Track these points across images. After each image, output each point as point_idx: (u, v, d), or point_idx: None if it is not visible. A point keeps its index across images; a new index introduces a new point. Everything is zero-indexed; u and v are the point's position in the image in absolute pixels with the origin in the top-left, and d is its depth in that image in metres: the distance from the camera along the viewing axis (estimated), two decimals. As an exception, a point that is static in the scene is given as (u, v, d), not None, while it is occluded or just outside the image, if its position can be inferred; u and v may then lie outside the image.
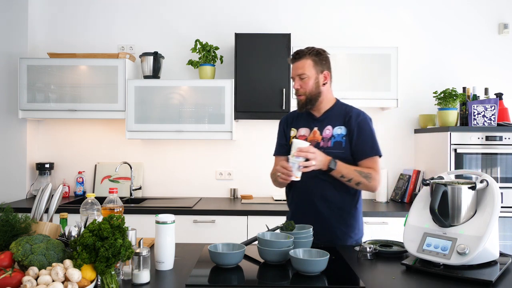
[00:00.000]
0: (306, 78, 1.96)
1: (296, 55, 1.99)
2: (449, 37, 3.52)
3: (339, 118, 2.00)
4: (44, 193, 1.64)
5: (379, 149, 1.98)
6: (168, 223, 1.50)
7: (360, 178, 1.87)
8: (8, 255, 1.30)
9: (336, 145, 1.96)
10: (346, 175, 1.87)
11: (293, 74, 2.01)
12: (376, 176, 1.91)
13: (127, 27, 3.55)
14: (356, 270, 1.52)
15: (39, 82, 3.21)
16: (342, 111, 2.02)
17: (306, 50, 1.99)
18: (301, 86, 1.98)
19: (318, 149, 1.90)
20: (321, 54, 2.01)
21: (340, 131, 1.98)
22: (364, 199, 3.41)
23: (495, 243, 1.50)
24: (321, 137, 1.99)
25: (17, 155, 3.37)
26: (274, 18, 3.53)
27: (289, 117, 2.16)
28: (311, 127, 2.04)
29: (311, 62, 1.97)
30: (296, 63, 1.99)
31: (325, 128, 2.00)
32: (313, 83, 1.97)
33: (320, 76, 1.99)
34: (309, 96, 1.98)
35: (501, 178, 2.90)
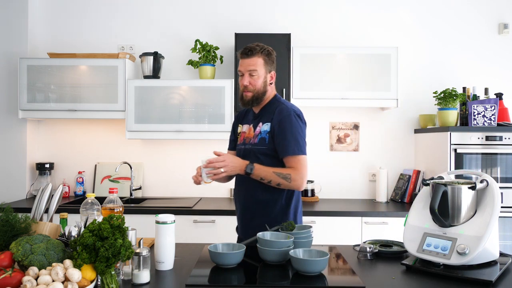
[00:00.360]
0: (256, 75, 1.97)
1: (248, 51, 1.97)
2: (449, 37, 3.52)
3: (269, 115, 2.02)
4: (44, 193, 1.64)
5: (301, 148, 1.93)
6: (168, 223, 1.50)
7: (279, 179, 1.88)
8: (8, 255, 1.30)
9: (260, 141, 1.99)
10: (265, 177, 1.88)
11: (242, 70, 1.99)
12: (297, 176, 1.89)
13: (127, 27, 3.55)
14: (356, 270, 1.52)
15: (39, 82, 3.20)
16: (273, 107, 2.02)
17: (259, 48, 1.98)
18: (250, 83, 1.98)
19: (248, 145, 2.01)
20: (271, 54, 2.02)
21: (266, 128, 1.99)
22: (364, 199, 3.44)
23: (495, 243, 1.50)
24: (253, 133, 2.03)
25: (17, 155, 3.37)
26: (274, 18, 3.53)
27: (240, 113, 2.21)
28: (250, 124, 2.09)
29: (262, 60, 1.98)
30: (248, 59, 1.97)
31: (257, 125, 2.03)
32: (262, 82, 1.99)
33: (268, 76, 2.01)
34: (256, 94, 1.99)
35: (501, 178, 2.90)
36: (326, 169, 3.51)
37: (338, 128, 3.53)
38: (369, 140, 3.52)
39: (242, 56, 1.99)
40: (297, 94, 3.19)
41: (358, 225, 2.91)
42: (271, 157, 1.96)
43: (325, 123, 3.53)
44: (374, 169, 3.50)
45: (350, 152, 3.53)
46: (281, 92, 3.16)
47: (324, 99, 3.20)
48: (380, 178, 3.32)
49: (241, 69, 2.00)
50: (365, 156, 3.52)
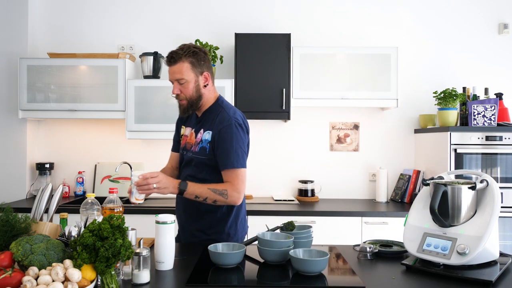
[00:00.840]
0: (185, 82, 1.85)
1: (171, 59, 1.85)
2: (449, 37, 3.52)
3: (211, 122, 1.91)
4: (44, 193, 1.64)
5: (240, 161, 1.84)
6: (168, 223, 1.50)
7: (215, 196, 1.79)
8: (8, 255, 1.30)
9: (201, 151, 1.89)
10: (200, 195, 1.78)
11: (170, 78, 1.88)
12: (233, 192, 1.81)
13: (127, 27, 3.55)
14: (356, 270, 1.52)
15: (39, 82, 3.20)
16: (215, 114, 1.91)
17: (182, 52, 1.84)
18: (181, 91, 1.87)
19: (190, 152, 1.92)
20: (198, 53, 1.87)
21: (207, 136, 1.89)
22: (364, 199, 3.44)
23: (495, 243, 1.50)
24: (195, 140, 1.94)
25: (17, 155, 3.37)
26: (274, 18, 3.53)
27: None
28: (192, 128, 2.00)
29: (188, 65, 1.84)
30: (172, 67, 1.85)
31: (199, 132, 1.94)
32: (193, 87, 1.87)
33: (200, 78, 1.89)
34: (191, 100, 1.89)
35: (501, 178, 2.90)
36: (326, 169, 3.51)
37: (338, 128, 3.53)
38: (369, 140, 3.52)
39: (167, 64, 1.87)
40: (297, 94, 3.19)
41: (358, 225, 2.91)
42: (213, 168, 1.88)
43: (325, 123, 3.53)
44: (374, 169, 3.50)
45: (350, 152, 3.53)
46: (281, 92, 3.16)
47: (324, 99, 3.20)
48: (380, 178, 3.32)
49: (169, 78, 1.88)
50: (365, 156, 3.52)
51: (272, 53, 3.18)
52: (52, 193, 1.66)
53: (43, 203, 1.62)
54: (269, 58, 3.18)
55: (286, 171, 3.52)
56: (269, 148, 3.53)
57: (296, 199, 3.28)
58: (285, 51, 3.18)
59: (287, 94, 3.17)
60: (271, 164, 3.53)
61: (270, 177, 3.52)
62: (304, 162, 3.52)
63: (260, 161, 3.52)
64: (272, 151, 3.54)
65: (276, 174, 3.52)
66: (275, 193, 3.51)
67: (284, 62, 3.18)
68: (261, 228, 2.15)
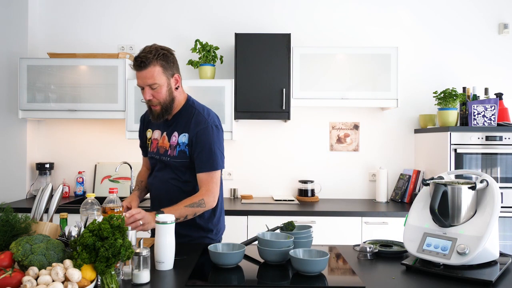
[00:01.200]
0: (157, 87, 1.79)
1: (141, 63, 1.75)
2: (449, 37, 3.52)
3: (184, 124, 1.88)
4: (44, 193, 1.64)
5: (218, 162, 1.84)
6: (168, 223, 1.50)
7: (194, 209, 1.77)
8: (8, 255, 1.30)
9: (180, 155, 1.86)
10: (180, 215, 1.73)
11: (140, 84, 1.79)
12: (209, 198, 1.81)
13: (127, 27, 3.55)
14: (356, 270, 1.52)
15: (39, 82, 3.20)
16: (188, 115, 1.89)
17: (152, 56, 1.75)
18: (153, 96, 1.80)
19: (166, 157, 1.89)
20: (168, 55, 1.81)
21: (184, 139, 1.86)
22: (364, 199, 3.44)
23: (495, 243, 1.50)
24: (169, 144, 1.90)
25: (17, 155, 3.37)
26: (274, 18, 3.53)
27: (146, 117, 2.02)
28: (162, 131, 1.94)
29: (160, 68, 1.77)
30: (143, 71, 1.76)
31: (172, 135, 1.90)
32: (166, 91, 1.81)
33: (172, 81, 1.84)
34: (164, 105, 1.83)
35: (501, 178, 2.90)
36: (326, 169, 3.52)
37: (338, 128, 3.53)
38: (369, 140, 3.53)
39: (136, 69, 1.78)
40: (297, 94, 3.19)
41: (358, 225, 2.91)
42: (192, 171, 1.87)
43: (325, 123, 3.53)
44: (374, 169, 3.50)
45: (350, 152, 3.53)
46: (281, 92, 3.16)
47: (324, 99, 3.20)
48: (380, 178, 3.32)
49: (139, 83, 1.80)
50: (365, 156, 3.52)
51: (272, 53, 3.18)
52: (52, 193, 1.66)
53: (43, 203, 1.62)
54: (269, 58, 3.18)
55: (286, 171, 3.53)
56: (269, 148, 3.53)
57: (296, 199, 3.28)
58: (285, 51, 3.18)
59: (287, 94, 3.17)
60: (271, 164, 3.53)
61: (270, 177, 3.52)
62: (304, 162, 3.52)
63: (260, 161, 3.52)
64: (272, 151, 3.54)
65: (276, 174, 3.52)
66: (275, 193, 3.51)
67: (284, 62, 3.18)
68: (261, 228, 2.15)
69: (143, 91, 1.82)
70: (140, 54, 1.78)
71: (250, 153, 3.53)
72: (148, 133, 2.02)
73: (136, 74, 1.80)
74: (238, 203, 3.18)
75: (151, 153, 1.99)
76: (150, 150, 1.99)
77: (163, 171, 1.94)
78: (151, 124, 1.99)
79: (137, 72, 1.79)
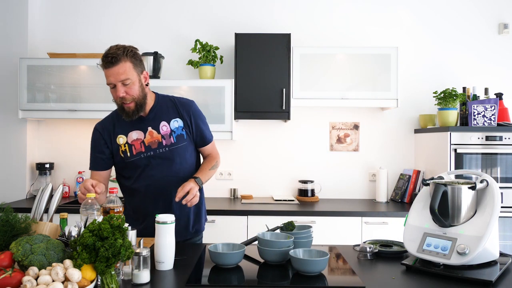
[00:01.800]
0: (130, 83, 1.79)
1: (112, 59, 1.74)
2: (449, 37, 3.52)
3: (170, 111, 1.95)
4: (44, 193, 1.64)
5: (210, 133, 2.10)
6: (168, 223, 1.50)
7: (213, 171, 2.02)
8: (8, 255, 1.30)
9: (179, 139, 1.95)
10: (208, 178, 1.97)
11: (112, 81, 1.77)
12: (219, 159, 2.10)
13: (127, 27, 3.55)
14: (356, 270, 1.52)
15: (39, 82, 3.20)
16: (169, 103, 1.98)
17: (121, 52, 1.76)
18: (126, 92, 1.79)
19: (163, 148, 1.90)
20: (136, 53, 1.83)
21: (177, 124, 1.95)
22: (364, 199, 3.45)
23: (495, 243, 1.50)
24: (160, 135, 1.91)
25: (17, 155, 3.37)
26: (274, 18, 3.53)
27: (107, 126, 1.96)
28: (143, 129, 1.92)
29: (130, 64, 1.78)
30: (114, 68, 1.75)
31: (160, 125, 1.92)
32: (139, 87, 1.82)
33: (142, 77, 1.86)
34: (138, 101, 1.83)
35: (501, 178, 2.90)
36: (326, 169, 3.52)
37: (338, 128, 3.53)
38: (369, 140, 3.53)
39: (107, 66, 1.76)
40: (297, 94, 3.19)
41: (358, 225, 2.91)
42: (192, 150, 2.02)
43: (325, 123, 3.53)
44: (374, 169, 3.50)
45: (350, 152, 3.53)
46: (281, 92, 3.16)
47: (324, 99, 3.20)
48: (380, 178, 3.32)
49: (111, 80, 1.77)
50: (365, 156, 3.52)
51: (272, 53, 3.18)
52: (52, 193, 1.66)
53: (43, 203, 1.62)
54: (269, 58, 3.18)
55: (286, 171, 3.52)
56: (269, 148, 3.53)
57: (296, 199, 3.28)
58: (285, 51, 3.18)
59: (287, 94, 3.17)
60: (271, 164, 3.53)
61: (270, 177, 3.52)
62: (304, 162, 3.52)
63: (260, 161, 3.52)
64: (272, 151, 3.54)
65: (276, 174, 3.52)
66: (275, 193, 3.51)
67: (284, 62, 3.18)
68: (261, 228, 2.15)
69: (115, 89, 1.80)
70: (109, 52, 1.77)
71: (250, 153, 3.53)
72: (121, 139, 1.93)
73: (107, 72, 1.78)
74: (238, 203, 3.18)
75: (133, 156, 1.92)
76: (132, 154, 1.92)
77: (160, 166, 1.92)
78: (120, 129, 1.93)
79: (107, 69, 1.77)
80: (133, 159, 1.92)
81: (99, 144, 1.97)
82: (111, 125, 1.96)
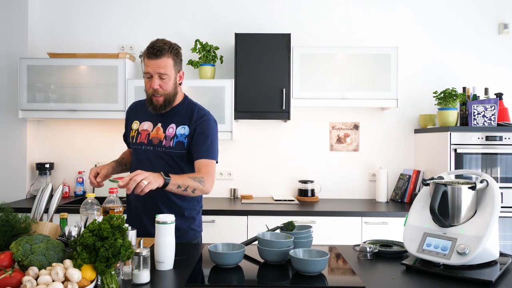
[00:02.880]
0: (167, 78, 1.85)
1: (157, 51, 1.82)
2: (449, 37, 3.52)
3: (184, 117, 1.94)
4: (44, 193, 1.64)
5: (215, 154, 1.91)
6: (168, 223, 1.50)
7: (195, 184, 1.77)
8: (8, 255, 1.30)
9: (177, 145, 1.90)
10: (182, 184, 1.74)
11: (151, 71, 1.84)
12: (208, 179, 1.83)
13: (127, 27, 3.55)
14: (356, 270, 1.52)
15: (39, 82, 3.20)
16: (188, 110, 1.96)
17: (167, 47, 1.84)
18: (161, 86, 1.85)
19: (161, 148, 1.90)
20: (179, 52, 1.91)
21: (183, 131, 1.91)
22: (364, 199, 3.44)
23: (495, 243, 1.50)
24: (164, 135, 1.92)
25: (17, 155, 3.37)
26: (274, 18, 3.53)
27: (134, 108, 2.07)
28: (154, 123, 1.95)
29: (171, 61, 1.86)
30: (157, 60, 1.82)
31: (168, 126, 1.93)
32: (173, 84, 1.88)
33: (177, 76, 1.92)
34: (168, 97, 1.88)
35: (501, 178, 2.90)
36: (326, 169, 3.52)
37: (338, 128, 3.53)
38: (369, 140, 3.52)
39: (150, 57, 1.84)
40: (297, 94, 3.19)
41: (358, 225, 2.91)
42: (187, 161, 1.92)
43: (325, 123, 3.53)
44: (374, 169, 3.50)
45: (350, 152, 3.53)
46: (281, 92, 3.16)
47: (324, 99, 3.20)
48: (380, 178, 3.32)
49: (150, 70, 1.84)
50: (365, 156, 3.52)
51: (272, 53, 3.18)
52: (52, 193, 1.66)
53: (43, 203, 1.62)
54: (269, 58, 3.18)
55: (286, 171, 3.52)
56: (269, 148, 3.53)
57: (296, 199, 3.28)
58: (285, 51, 3.18)
59: (287, 94, 3.17)
60: (271, 164, 3.53)
61: (270, 177, 3.52)
62: (304, 162, 3.52)
63: (260, 161, 3.52)
64: (272, 151, 3.54)
65: (276, 174, 3.52)
66: (275, 193, 3.51)
67: (284, 62, 3.18)
68: (261, 228, 2.15)
69: (151, 79, 1.85)
70: (155, 44, 1.85)
71: (250, 153, 3.53)
72: (135, 125, 2.01)
73: (148, 62, 1.84)
74: (238, 203, 3.18)
75: (135, 144, 1.98)
76: (136, 141, 1.98)
77: (152, 163, 1.91)
78: (138, 116, 2.01)
79: (149, 60, 1.84)
80: (135, 146, 1.99)
81: (126, 120, 2.10)
82: (137, 109, 2.05)
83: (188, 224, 1.99)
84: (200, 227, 2.08)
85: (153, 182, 1.63)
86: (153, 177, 1.64)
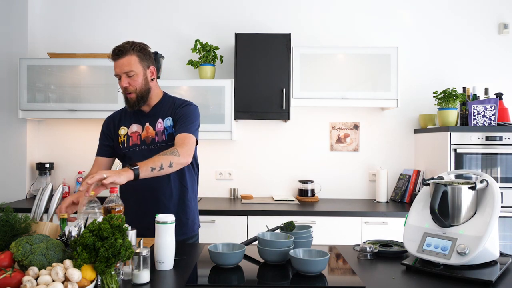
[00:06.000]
0: (134, 75, 1.90)
1: (119, 52, 1.89)
2: (449, 37, 3.52)
3: (166, 110, 1.99)
4: (44, 193, 1.64)
5: (194, 131, 1.91)
6: (168, 223, 1.50)
7: (168, 157, 1.72)
8: (8, 255, 1.30)
9: (170, 137, 1.94)
10: (154, 165, 1.67)
11: (118, 72, 1.91)
12: (182, 149, 1.79)
13: (127, 27, 3.55)
14: (356, 270, 1.52)
15: (39, 82, 3.21)
16: (169, 103, 2.01)
17: (129, 46, 1.90)
18: (129, 83, 1.91)
19: (155, 145, 1.93)
20: (145, 49, 1.95)
21: (169, 122, 1.96)
22: (364, 199, 3.44)
23: (495, 243, 1.50)
24: (155, 132, 1.97)
25: (17, 155, 3.37)
26: (274, 18, 3.53)
27: (115, 117, 2.08)
28: (142, 123, 2.00)
29: (136, 58, 1.91)
30: (121, 60, 1.89)
31: (156, 122, 1.98)
32: (142, 80, 1.92)
33: (148, 72, 1.95)
34: (140, 93, 1.93)
35: (501, 178, 2.90)
36: (326, 169, 3.52)
37: (338, 128, 3.53)
38: (369, 140, 3.53)
39: (114, 58, 1.91)
40: (297, 94, 3.19)
41: (358, 225, 2.91)
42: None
43: (325, 123, 3.53)
44: (374, 169, 3.50)
45: (350, 152, 3.53)
46: (281, 92, 3.16)
47: (324, 99, 3.20)
48: (380, 178, 3.32)
49: (116, 71, 1.91)
50: (365, 156, 3.52)
51: (272, 53, 3.18)
52: (52, 193, 1.66)
53: (43, 203, 1.62)
54: (269, 58, 3.18)
55: (286, 171, 3.53)
56: (269, 148, 3.53)
57: (296, 199, 3.28)
58: (285, 51, 3.18)
59: (287, 94, 3.17)
60: (271, 164, 3.53)
61: (270, 177, 3.52)
62: (304, 162, 3.52)
63: (260, 161, 3.52)
64: (272, 151, 3.54)
65: (276, 174, 3.52)
66: (275, 193, 3.51)
67: (284, 62, 3.18)
68: (261, 228, 2.15)
69: (120, 80, 1.92)
70: (117, 46, 1.92)
71: (250, 153, 3.53)
72: (122, 130, 2.03)
73: (114, 64, 1.92)
74: (238, 203, 3.18)
75: (128, 147, 1.98)
76: (128, 145, 1.99)
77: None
78: (123, 122, 2.04)
79: (115, 62, 1.92)
80: (128, 150, 2.00)
81: (103, 133, 2.09)
82: (117, 118, 2.07)
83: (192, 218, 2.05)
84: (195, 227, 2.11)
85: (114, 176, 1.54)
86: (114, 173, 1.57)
